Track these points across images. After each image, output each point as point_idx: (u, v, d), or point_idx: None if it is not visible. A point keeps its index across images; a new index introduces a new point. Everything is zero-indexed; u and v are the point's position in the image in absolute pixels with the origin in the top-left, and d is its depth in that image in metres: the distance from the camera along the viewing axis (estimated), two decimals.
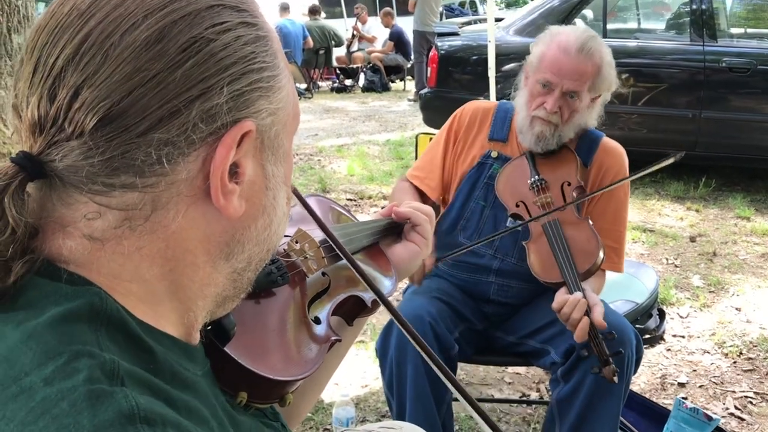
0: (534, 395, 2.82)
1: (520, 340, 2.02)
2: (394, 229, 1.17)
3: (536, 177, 2.00)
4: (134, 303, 0.59)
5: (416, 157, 3.19)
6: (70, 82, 0.54)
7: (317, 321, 0.89)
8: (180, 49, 0.56)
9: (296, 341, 0.84)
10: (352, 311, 1.02)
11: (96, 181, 0.56)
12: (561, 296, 1.78)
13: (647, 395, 2.74)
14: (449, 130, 2.18)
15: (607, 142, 2.10)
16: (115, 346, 0.53)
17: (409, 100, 10.31)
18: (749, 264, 4.16)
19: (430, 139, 3.13)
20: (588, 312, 1.72)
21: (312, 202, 1.19)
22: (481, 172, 2.09)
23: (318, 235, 0.96)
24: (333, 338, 0.88)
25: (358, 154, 6.78)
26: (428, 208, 1.16)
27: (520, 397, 2.81)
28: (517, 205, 2.00)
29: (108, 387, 0.49)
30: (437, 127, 6.52)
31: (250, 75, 0.60)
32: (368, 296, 1.01)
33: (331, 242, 0.92)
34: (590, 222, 1.95)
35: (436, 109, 6.37)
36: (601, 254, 1.87)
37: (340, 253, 0.91)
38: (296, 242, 0.96)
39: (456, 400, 2.63)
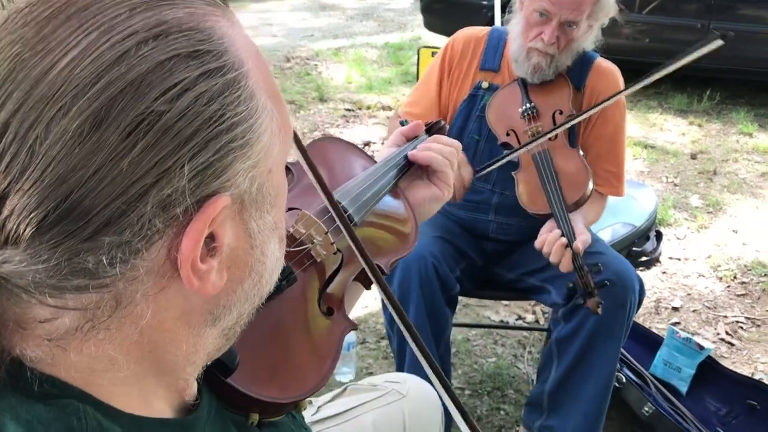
0: (530, 317, 2.87)
1: (519, 277, 2.03)
2: (413, 165, 1.06)
3: (528, 105, 1.91)
4: (115, 391, 0.53)
5: (417, 74, 3.08)
6: None
7: (329, 312, 0.84)
8: (124, 134, 0.45)
9: (307, 346, 0.79)
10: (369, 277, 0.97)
11: (44, 285, 0.47)
12: (542, 236, 1.77)
13: (641, 319, 2.79)
14: (443, 61, 2.04)
15: (601, 63, 1.99)
16: None
17: None
18: (748, 183, 4.16)
19: (433, 53, 3.01)
20: (570, 243, 1.71)
21: (322, 151, 1.07)
22: (473, 105, 1.99)
23: (321, 206, 0.88)
24: (349, 329, 0.84)
25: (355, 59, 6.60)
26: (450, 149, 1.05)
27: (516, 319, 2.86)
28: (508, 134, 1.92)
29: None
30: (437, 31, 6.32)
31: (219, 139, 0.49)
32: (385, 262, 0.95)
33: (342, 228, 0.84)
34: (581, 152, 1.91)
35: (437, 12, 6.16)
36: (590, 186, 1.83)
37: (352, 243, 0.84)
38: (300, 225, 0.88)
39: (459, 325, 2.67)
